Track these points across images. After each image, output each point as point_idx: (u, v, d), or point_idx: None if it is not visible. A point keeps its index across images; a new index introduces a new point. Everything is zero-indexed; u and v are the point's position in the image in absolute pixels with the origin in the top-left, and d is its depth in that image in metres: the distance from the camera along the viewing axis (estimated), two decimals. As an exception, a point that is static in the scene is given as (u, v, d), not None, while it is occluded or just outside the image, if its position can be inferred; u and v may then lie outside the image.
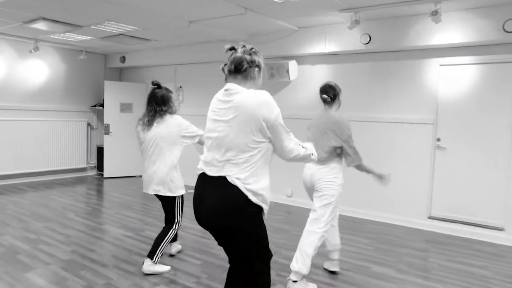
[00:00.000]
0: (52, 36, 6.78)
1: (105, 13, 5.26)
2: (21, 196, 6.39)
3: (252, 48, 2.28)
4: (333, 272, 3.73)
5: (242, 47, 2.27)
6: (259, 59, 2.26)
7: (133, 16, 5.30)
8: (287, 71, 6.12)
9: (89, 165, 8.60)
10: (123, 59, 8.43)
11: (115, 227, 4.96)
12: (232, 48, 2.29)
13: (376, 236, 4.92)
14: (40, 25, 5.84)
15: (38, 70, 7.68)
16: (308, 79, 6.23)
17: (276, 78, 6.30)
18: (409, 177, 5.40)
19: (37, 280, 3.38)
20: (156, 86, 3.66)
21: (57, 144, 7.88)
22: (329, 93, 3.48)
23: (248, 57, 2.22)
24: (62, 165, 7.98)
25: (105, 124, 8.25)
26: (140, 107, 8.51)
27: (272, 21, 5.46)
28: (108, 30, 6.11)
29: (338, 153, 3.43)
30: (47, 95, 7.82)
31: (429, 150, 5.28)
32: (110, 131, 8.27)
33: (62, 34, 6.53)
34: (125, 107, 8.44)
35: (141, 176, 7.67)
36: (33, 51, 7.12)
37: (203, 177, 2.20)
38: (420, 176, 5.34)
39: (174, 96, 3.73)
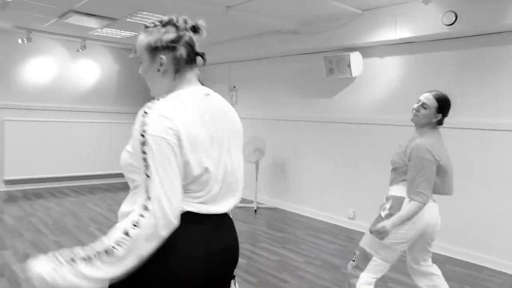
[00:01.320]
0: (95, 33, 6.47)
1: (135, 2, 4.71)
2: (58, 201, 6.10)
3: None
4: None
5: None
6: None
7: (166, 3, 4.66)
8: (349, 66, 5.04)
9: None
10: (177, 58, 7.95)
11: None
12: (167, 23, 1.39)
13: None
14: (74, 20, 5.48)
15: (89, 70, 7.47)
16: (375, 75, 5.10)
17: (336, 75, 5.25)
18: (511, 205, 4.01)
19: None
20: None
21: (108, 146, 7.59)
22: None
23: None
24: (113, 169, 7.66)
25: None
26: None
27: (329, 2, 4.47)
28: (143, 22, 5.58)
29: None
30: (100, 96, 7.59)
31: (540, 169, 3.87)
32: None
33: (102, 30, 6.16)
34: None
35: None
36: (80, 50, 6.88)
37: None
38: (526, 204, 3.94)
39: None
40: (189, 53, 1.38)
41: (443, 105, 2.52)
